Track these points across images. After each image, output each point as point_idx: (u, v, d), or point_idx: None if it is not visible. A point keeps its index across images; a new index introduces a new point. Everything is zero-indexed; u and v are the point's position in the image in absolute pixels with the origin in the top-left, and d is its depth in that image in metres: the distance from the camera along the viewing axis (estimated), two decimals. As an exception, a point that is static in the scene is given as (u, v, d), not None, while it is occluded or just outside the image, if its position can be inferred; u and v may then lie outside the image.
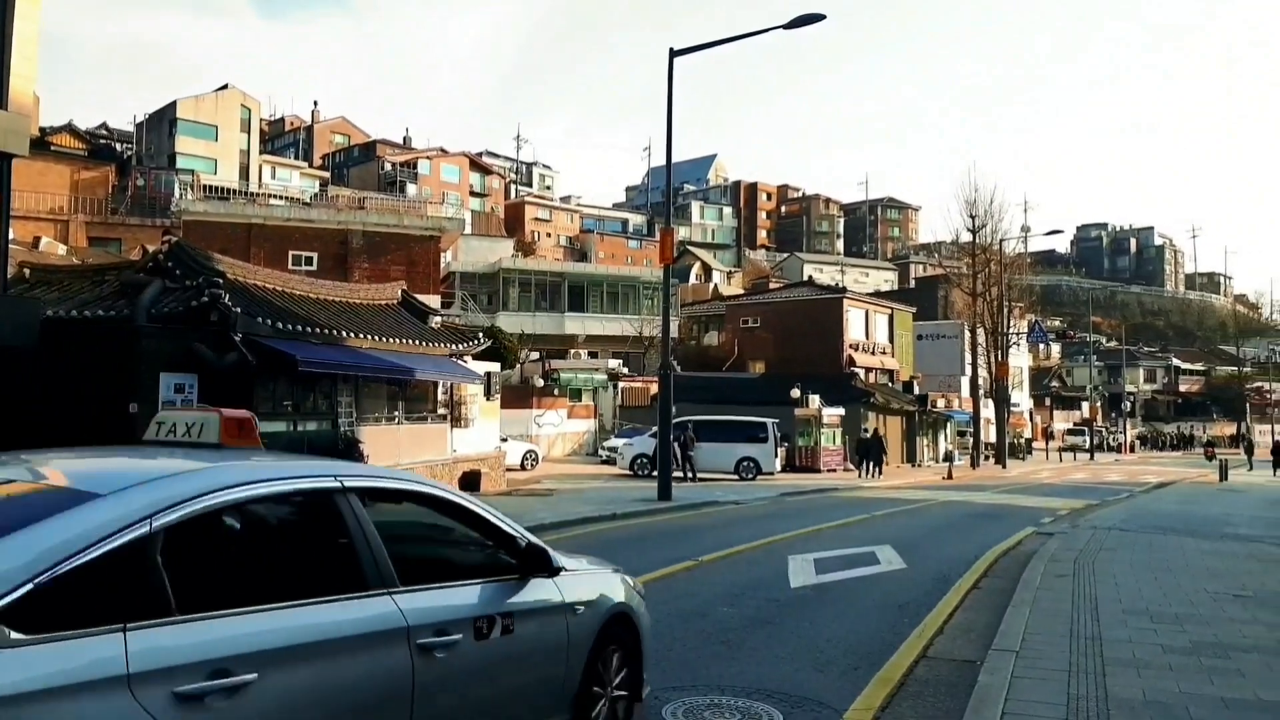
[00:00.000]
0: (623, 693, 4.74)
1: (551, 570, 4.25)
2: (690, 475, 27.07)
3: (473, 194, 78.04)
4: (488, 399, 23.41)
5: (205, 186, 46.16)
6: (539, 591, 4.14)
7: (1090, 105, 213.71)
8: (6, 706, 2.29)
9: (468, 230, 52.44)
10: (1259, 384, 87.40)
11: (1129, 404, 75.70)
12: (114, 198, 42.93)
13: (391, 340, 19.06)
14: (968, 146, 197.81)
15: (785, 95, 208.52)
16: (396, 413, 19.79)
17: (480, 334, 23.86)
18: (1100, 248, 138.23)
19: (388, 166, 73.21)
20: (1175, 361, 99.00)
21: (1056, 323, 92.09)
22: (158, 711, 2.55)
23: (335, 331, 17.79)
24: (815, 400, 36.82)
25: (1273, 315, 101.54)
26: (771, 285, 65.79)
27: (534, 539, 4.25)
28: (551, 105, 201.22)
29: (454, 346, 21.33)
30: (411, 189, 69.43)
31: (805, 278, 74.06)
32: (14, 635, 2.39)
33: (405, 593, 3.44)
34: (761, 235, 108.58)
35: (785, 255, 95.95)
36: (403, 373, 18.85)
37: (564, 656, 4.23)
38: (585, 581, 4.59)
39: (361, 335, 18.32)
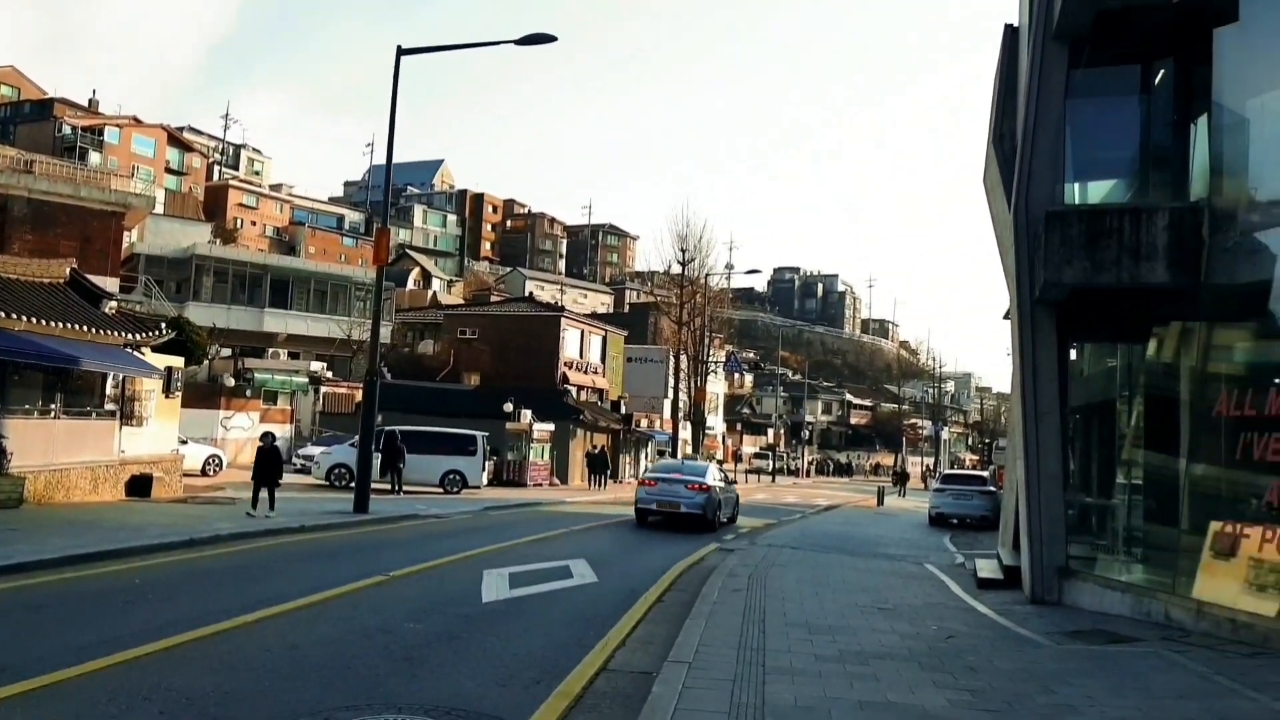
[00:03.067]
0: (736, 513, 23.87)
1: (733, 484, 25.64)
2: (396, 488, 26.17)
3: (169, 171, 71.36)
4: (167, 396, 21.49)
5: None
6: (731, 488, 24.04)
7: (795, 158, 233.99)
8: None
9: (159, 209, 47.81)
10: (914, 420, 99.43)
11: (808, 432, 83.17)
12: None
13: (53, 324, 16.99)
14: (684, 183, 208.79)
15: (517, 110, 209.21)
16: (53, 405, 17.66)
17: (164, 324, 21.87)
18: (793, 289, 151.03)
19: (67, 130, 65.10)
20: (849, 397, 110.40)
21: (750, 355, 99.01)
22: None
23: (-19, 309, 15.60)
24: (527, 415, 37.15)
25: (929, 360, 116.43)
26: (493, 298, 65.58)
27: (730, 476, 29.25)
28: (268, 86, 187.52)
29: (130, 336, 19.34)
30: (95, 157, 62.18)
31: (527, 293, 74.55)
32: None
33: (723, 485, 22.66)
34: (486, 247, 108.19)
35: (508, 269, 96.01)
36: (63, 361, 16.85)
37: (734, 500, 23.82)
38: (734, 490, 24.60)
39: (15, 315, 16.19)
